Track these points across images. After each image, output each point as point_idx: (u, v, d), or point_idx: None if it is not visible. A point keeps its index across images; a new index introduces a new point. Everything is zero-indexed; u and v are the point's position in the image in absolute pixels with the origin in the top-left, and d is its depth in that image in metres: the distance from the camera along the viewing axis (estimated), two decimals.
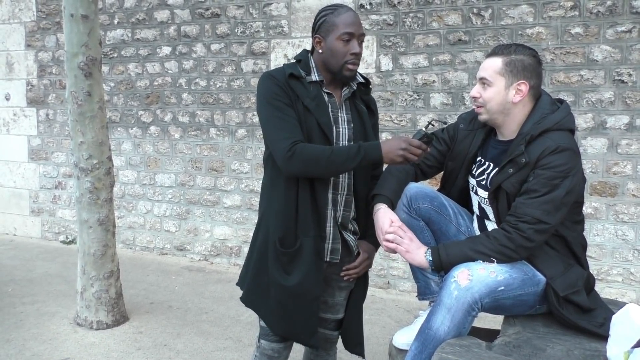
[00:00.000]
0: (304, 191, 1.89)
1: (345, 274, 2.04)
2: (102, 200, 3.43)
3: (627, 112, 3.60)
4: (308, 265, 1.89)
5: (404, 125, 4.17)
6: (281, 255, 1.91)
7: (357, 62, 1.92)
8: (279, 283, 1.91)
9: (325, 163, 1.81)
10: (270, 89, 1.89)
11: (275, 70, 1.95)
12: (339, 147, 1.84)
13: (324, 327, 2.12)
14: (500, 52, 1.86)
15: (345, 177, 1.99)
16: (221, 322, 3.60)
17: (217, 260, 4.95)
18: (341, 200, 1.99)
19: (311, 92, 1.92)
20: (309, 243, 1.89)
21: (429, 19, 4.04)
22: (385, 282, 4.31)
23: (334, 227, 1.98)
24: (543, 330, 1.80)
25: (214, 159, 4.91)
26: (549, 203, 1.71)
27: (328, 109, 1.95)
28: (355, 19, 1.91)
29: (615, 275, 3.69)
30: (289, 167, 1.84)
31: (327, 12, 1.94)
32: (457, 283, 1.69)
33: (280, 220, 1.91)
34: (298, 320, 1.93)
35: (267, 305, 1.97)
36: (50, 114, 5.60)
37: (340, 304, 2.11)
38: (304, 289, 1.89)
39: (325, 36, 1.92)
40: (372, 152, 1.83)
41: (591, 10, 3.62)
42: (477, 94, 1.89)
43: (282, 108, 1.86)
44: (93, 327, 3.44)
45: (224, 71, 4.80)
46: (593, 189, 3.69)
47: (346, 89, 2.02)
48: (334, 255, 1.99)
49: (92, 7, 3.28)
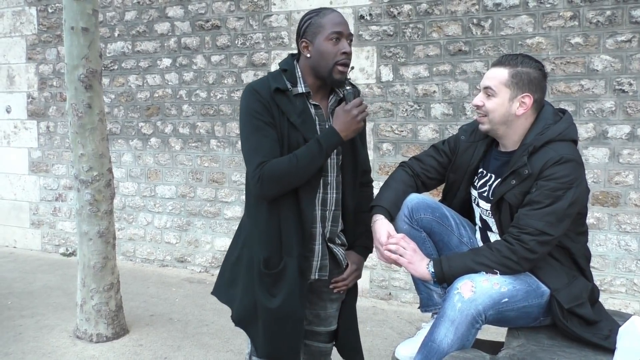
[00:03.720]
0: (288, 209, 1.85)
1: (334, 286, 2.00)
2: (102, 212, 3.42)
3: (628, 121, 3.59)
4: (291, 286, 1.85)
5: (405, 135, 4.16)
6: (265, 276, 1.87)
7: (347, 62, 1.85)
8: (264, 305, 1.87)
9: (294, 172, 1.78)
10: (251, 106, 1.83)
11: (259, 83, 1.88)
12: (300, 151, 1.80)
13: (317, 341, 2.09)
14: (507, 62, 1.83)
15: (334, 192, 1.95)
16: (222, 334, 3.57)
17: (217, 272, 4.91)
18: (329, 216, 1.96)
19: (297, 106, 1.86)
20: (293, 263, 1.85)
21: (429, 29, 4.05)
22: (386, 293, 4.28)
23: (322, 244, 1.94)
24: (547, 342, 1.78)
25: (215, 171, 4.90)
26: (552, 214, 1.70)
27: (315, 123, 1.89)
28: (342, 19, 1.86)
29: (619, 285, 3.67)
30: (263, 192, 1.80)
31: (312, 15, 1.89)
32: (461, 295, 1.67)
33: (264, 241, 1.87)
34: (283, 342, 1.90)
35: (255, 325, 1.93)
36: (51, 127, 5.60)
37: (332, 316, 2.08)
38: (287, 310, 1.86)
39: (312, 39, 1.86)
40: (332, 139, 1.81)
41: (591, 20, 3.63)
42: (480, 102, 1.87)
43: (260, 127, 1.81)
44: (93, 340, 3.41)
45: (224, 82, 4.80)
46: (595, 199, 3.67)
47: (332, 97, 1.96)
48: (322, 272, 1.95)
49: (93, 20, 3.29)
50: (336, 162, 1.95)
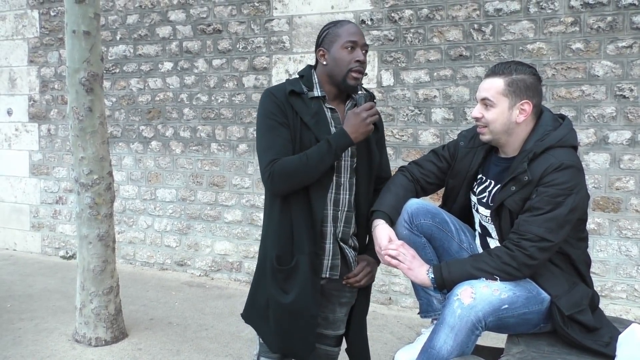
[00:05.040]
0: (300, 208, 1.90)
1: (346, 282, 2.03)
2: (102, 215, 3.41)
3: (629, 127, 3.59)
4: (304, 282, 1.89)
5: (406, 140, 4.16)
6: (277, 272, 1.92)
7: (361, 70, 1.94)
8: (276, 300, 1.91)
9: (304, 170, 1.84)
10: (266, 108, 1.92)
11: (276, 87, 1.97)
12: (311, 151, 1.86)
13: (324, 344, 2.11)
14: (501, 71, 1.83)
15: (347, 193, 1.99)
16: (221, 338, 3.57)
17: (217, 275, 4.92)
18: (342, 217, 1.99)
19: (312, 108, 1.93)
20: (305, 260, 1.90)
21: (429, 34, 4.06)
22: (386, 298, 4.27)
23: (334, 244, 1.98)
24: (548, 349, 1.77)
25: (215, 174, 4.90)
26: (552, 221, 1.69)
27: (329, 124, 1.95)
28: (358, 30, 1.96)
29: (619, 291, 3.66)
30: (274, 188, 1.88)
31: (330, 26, 2.00)
32: (461, 301, 1.67)
33: (277, 238, 1.93)
34: (296, 337, 1.93)
35: (266, 322, 1.97)
36: (52, 129, 5.61)
37: (341, 320, 2.10)
38: (300, 306, 1.90)
39: (328, 47, 1.96)
40: (342, 140, 1.86)
41: (591, 25, 3.63)
42: (479, 114, 1.86)
43: (274, 127, 1.89)
44: (92, 344, 3.40)
45: (225, 86, 4.81)
46: (596, 204, 3.67)
47: (349, 102, 2.03)
48: (333, 271, 1.99)
49: (94, 24, 3.30)
50: (350, 164, 1.99)
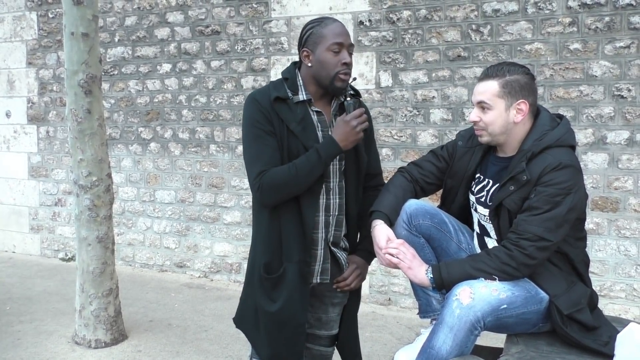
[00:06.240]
0: (290, 216, 1.88)
1: (336, 286, 2.02)
2: (101, 217, 3.41)
3: (627, 127, 3.59)
4: (291, 290, 1.87)
5: (404, 140, 4.17)
6: (265, 281, 1.90)
7: (348, 72, 1.89)
8: (264, 309, 1.90)
9: (294, 181, 1.81)
10: (252, 116, 1.87)
11: (260, 92, 1.91)
12: (300, 161, 1.83)
13: (318, 344, 2.10)
14: (494, 74, 1.84)
15: (337, 197, 1.97)
16: (221, 340, 3.56)
17: (217, 277, 4.92)
18: (332, 222, 1.98)
19: (297, 114, 1.88)
20: (293, 269, 1.88)
21: (428, 35, 4.06)
22: (386, 298, 4.27)
23: (325, 248, 1.96)
24: (547, 349, 1.77)
25: (214, 175, 4.90)
26: (550, 220, 1.70)
27: (316, 130, 1.91)
28: (343, 30, 1.89)
29: (618, 291, 3.66)
30: (263, 200, 1.85)
31: (314, 25, 1.91)
32: (459, 301, 1.67)
33: (265, 247, 1.91)
34: (284, 345, 1.92)
35: (256, 329, 1.96)
36: (51, 131, 5.60)
37: (334, 320, 2.09)
38: (287, 315, 1.88)
39: (313, 49, 1.89)
40: (331, 150, 1.83)
41: (589, 26, 3.64)
42: (477, 118, 1.87)
43: (260, 136, 1.85)
44: (91, 346, 3.40)
45: (224, 88, 4.81)
46: (594, 204, 3.67)
47: (335, 102, 1.98)
48: (324, 275, 1.97)
49: (93, 26, 3.30)
50: (338, 167, 1.97)
